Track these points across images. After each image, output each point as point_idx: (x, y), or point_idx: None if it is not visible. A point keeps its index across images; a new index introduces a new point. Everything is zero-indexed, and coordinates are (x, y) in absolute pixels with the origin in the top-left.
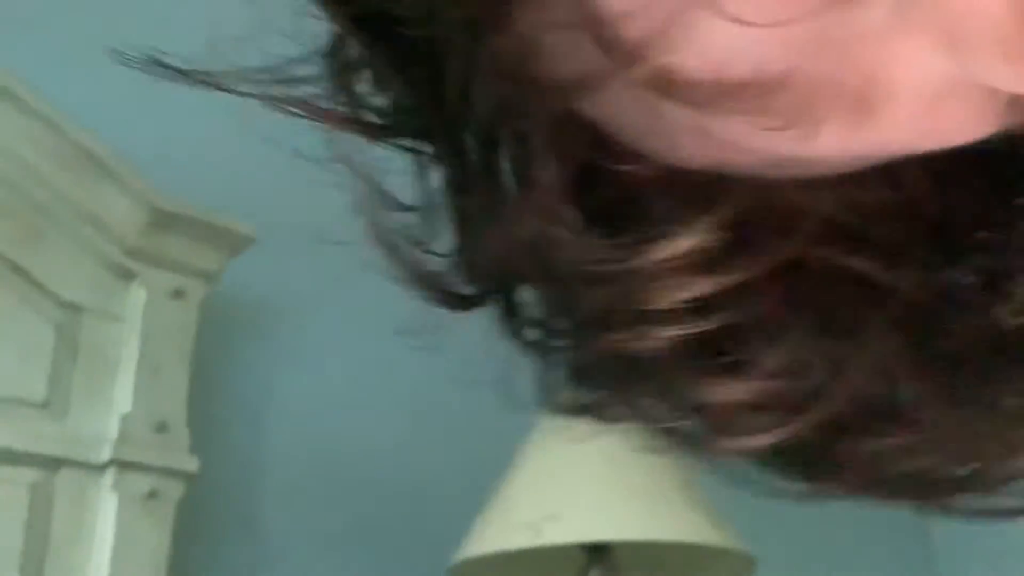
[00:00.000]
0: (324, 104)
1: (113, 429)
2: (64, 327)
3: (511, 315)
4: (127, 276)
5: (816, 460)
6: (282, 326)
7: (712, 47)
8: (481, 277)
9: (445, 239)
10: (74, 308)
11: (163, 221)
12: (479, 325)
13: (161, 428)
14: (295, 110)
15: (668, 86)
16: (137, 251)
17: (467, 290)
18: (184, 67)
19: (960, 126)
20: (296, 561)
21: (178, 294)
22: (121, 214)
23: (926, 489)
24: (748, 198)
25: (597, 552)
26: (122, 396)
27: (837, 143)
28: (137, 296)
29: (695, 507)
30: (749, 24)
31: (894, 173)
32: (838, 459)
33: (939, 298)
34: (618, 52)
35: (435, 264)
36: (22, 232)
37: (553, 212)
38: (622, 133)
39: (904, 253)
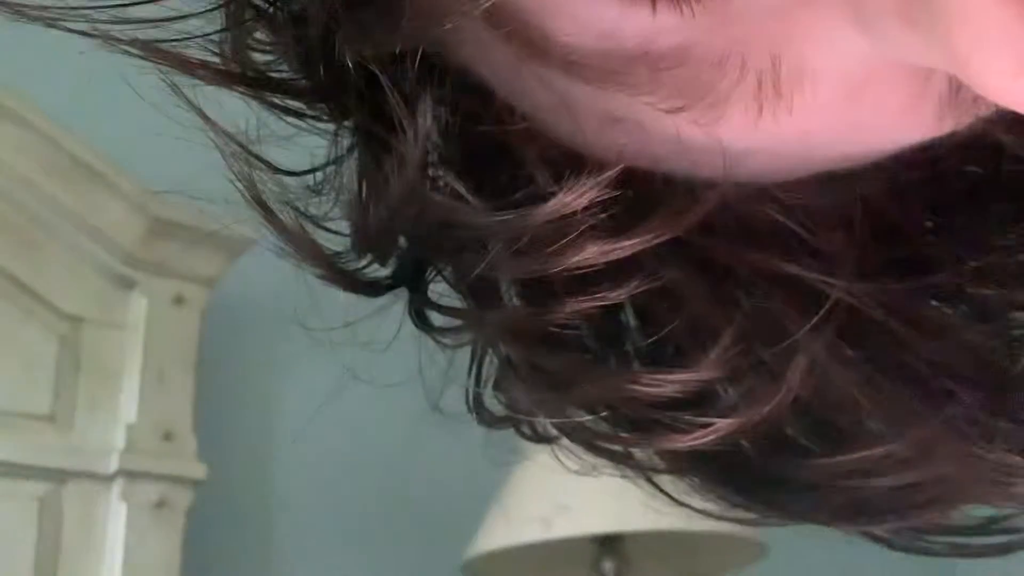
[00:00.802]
0: (200, 56)
1: (119, 439)
2: (67, 339)
3: (416, 300)
4: (128, 285)
5: (750, 475)
6: (286, 329)
7: (597, 16)
8: (373, 251)
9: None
10: (76, 319)
11: (161, 229)
12: None
13: (167, 436)
14: (167, 61)
15: (544, 51)
16: (137, 260)
17: (368, 271)
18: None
19: (895, 119)
20: (308, 564)
21: (179, 301)
22: (119, 223)
23: (872, 515)
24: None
25: (608, 543)
26: (127, 405)
27: (745, 128)
28: (138, 305)
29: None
30: None
31: (850, 178)
32: (776, 477)
33: (890, 311)
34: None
35: (332, 245)
36: (21, 245)
37: (424, 168)
38: (530, 109)
39: (852, 262)
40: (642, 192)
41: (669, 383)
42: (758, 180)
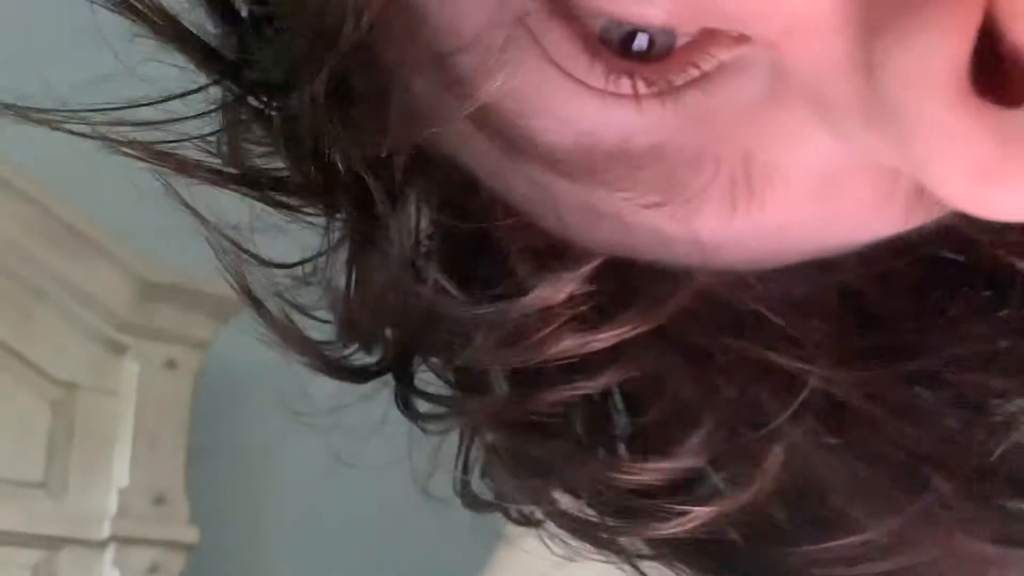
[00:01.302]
0: (196, 155)
1: (112, 504)
2: (59, 405)
3: (403, 388)
4: (119, 350)
5: (733, 561)
6: (279, 392)
7: (576, 115)
8: (359, 341)
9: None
10: (69, 386)
11: (152, 293)
12: None
13: (159, 500)
14: (165, 162)
15: (525, 149)
16: (128, 324)
17: (354, 359)
18: (17, 103)
19: (865, 214)
20: None
21: (171, 365)
22: (111, 289)
23: None
24: (620, 258)
25: None
26: (119, 470)
27: (721, 223)
28: (130, 369)
29: None
30: (615, 96)
31: (827, 267)
32: (759, 564)
33: (869, 397)
34: (461, 90)
35: (318, 334)
36: (12, 312)
37: (409, 262)
38: (515, 201)
39: (830, 349)
40: (620, 284)
41: (651, 471)
42: (735, 269)
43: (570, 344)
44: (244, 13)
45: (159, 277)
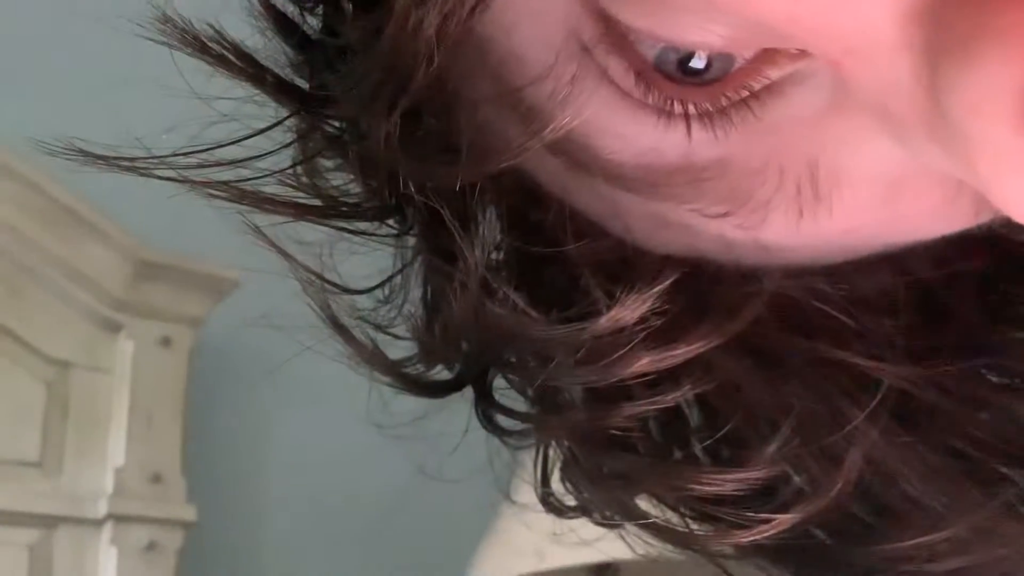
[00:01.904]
0: (273, 188)
1: (108, 483)
2: (54, 385)
3: (483, 403)
4: (114, 328)
5: (813, 558)
6: (275, 369)
7: (637, 134)
8: (438, 359)
9: (404, 324)
10: (63, 364)
11: (147, 271)
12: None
13: (156, 479)
14: (249, 200)
15: (591, 167)
16: (122, 303)
17: (434, 375)
18: (107, 153)
19: (933, 214)
20: None
21: (166, 342)
22: (105, 268)
23: None
24: (691, 272)
25: (603, 572)
26: (115, 449)
27: (788, 230)
28: (125, 347)
29: None
30: (673, 116)
31: (896, 264)
32: (839, 561)
33: (943, 392)
34: (534, 123)
35: (397, 353)
36: (6, 291)
37: (484, 284)
38: (582, 210)
39: (902, 345)
40: (692, 298)
41: (731, 480)
42: (803, 269)
43: (647, 362)
44: (317, 41)
45: (153, 256)
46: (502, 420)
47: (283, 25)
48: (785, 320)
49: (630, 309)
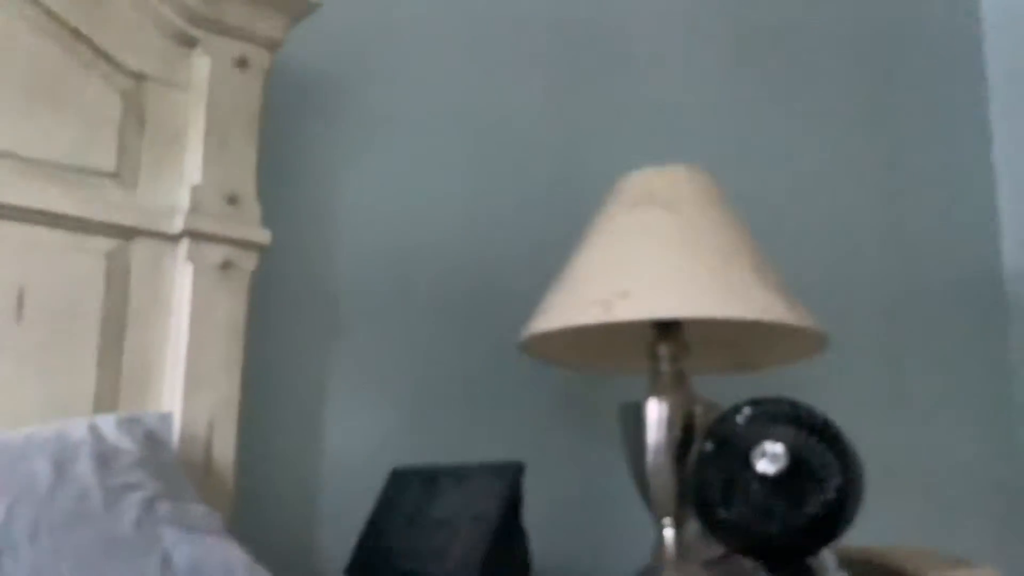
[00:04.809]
0: None
1: (184, 200)
2: (130, 96)
3: None
4: (190, 43)
5: None
6: (351, 96)
7: None
8: None
9: None
10: (139, 76)
11: None
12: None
13: (232, 200)
14: None
15: None
16: (199, 17)
17: None
18: None
19: None
20: (369, 329)
21: (242, 63)
22: None
23: None
24: None
25: (666, 329)
26: (191, 167)
27: None
28: (201, 64)
29: (767, 287)
30: None
31: None
32: None
33: None
34: None
35: None
36: None
37: None
38: None
39: None
40: None
41: None
42: None
43: None
44: None
45: None
46: None
47: None
48: None
49: None
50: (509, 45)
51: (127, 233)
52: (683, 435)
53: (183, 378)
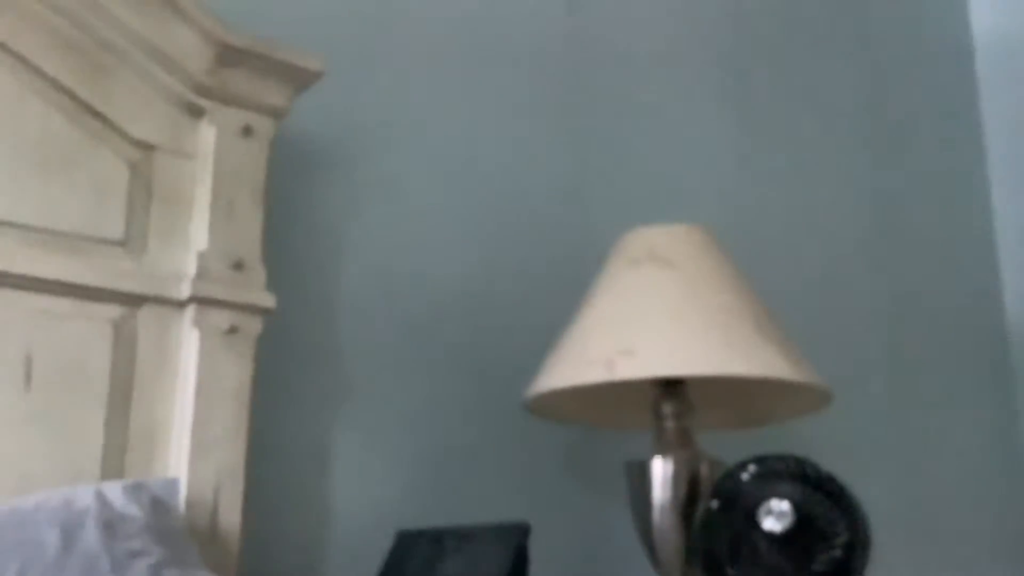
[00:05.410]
0: None
1: (191, 266)
2: (138, 166)
3: None
4: (196, 114)
5: None
6: (354, 162)
7: None
8: None
9: None
10: (146, 147)
11: (230, 57)
12: (549, 170)
13: (238, 266)
14: None
15: None
16: (205, 88)
17: None
18: None
19: None
20: (374, 392)
21: (248, 131)
22: (188, 50)
23: None
24: None
25: (670, 387)
26: (198, 234)
27: None
28: (207, 134)
29: (769, 343)
30: None
31: None
32: None
33: None
34: None
35: None
36: (91, 69)
37: None
38: None
39: None
40: None
41: None
42: None
43: None
44: None
45: (236, 40)
46: None
47: None
48: None
49: None
50: (509, 107)
51: (135, 300)
52: (689, 493)
53: (189, 443)
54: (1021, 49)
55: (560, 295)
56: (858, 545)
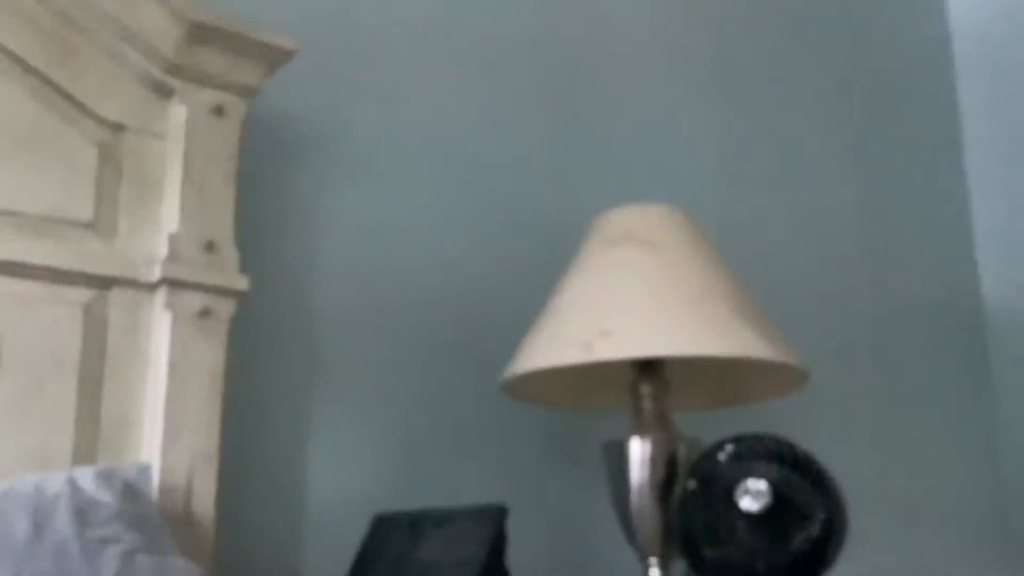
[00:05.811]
0: None
1: (162, 248)
2: (107, 147)
3: None
4: (166, 93)
5: None
6: (328, 143)
7: None
8: None
9: None
10: (116, 127)
11: (200, 35)
12: (526, 155)
13: (210, 247)
14: None
15: None
16: (175, 67)
17: None
18: None
19: None
20: (350, 374)
21: (219, 111)
22: (157, 28)
23: None
24: None
25: (648, 367)
26: (169, 215)
27: None
28: (178, 113)
29: (747, 323)
30: None
31: None
32: None
33: None
34: None
35: None
36: (59, 50)
37: None
38: None
39: None
40: None
41: None
42: None
43: None
44: None
45: (206, 18)
46: None
47: None
48: None
49: None
50: (486, 89)
51: (105, 283)
52: (667, 473)
53: (162, 427)
54: (998, 36)
55: (539, 279)
56: (835, 525)
